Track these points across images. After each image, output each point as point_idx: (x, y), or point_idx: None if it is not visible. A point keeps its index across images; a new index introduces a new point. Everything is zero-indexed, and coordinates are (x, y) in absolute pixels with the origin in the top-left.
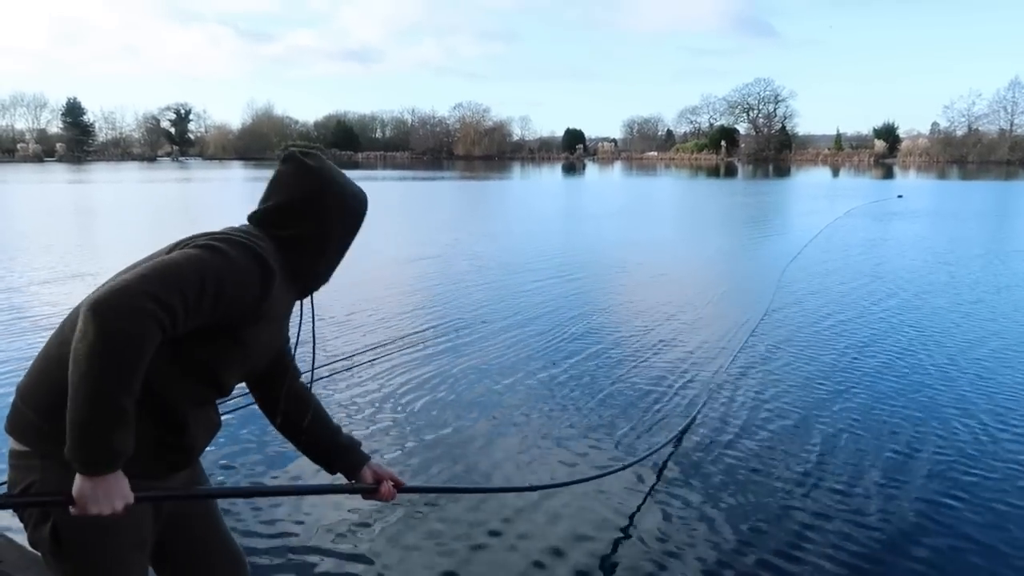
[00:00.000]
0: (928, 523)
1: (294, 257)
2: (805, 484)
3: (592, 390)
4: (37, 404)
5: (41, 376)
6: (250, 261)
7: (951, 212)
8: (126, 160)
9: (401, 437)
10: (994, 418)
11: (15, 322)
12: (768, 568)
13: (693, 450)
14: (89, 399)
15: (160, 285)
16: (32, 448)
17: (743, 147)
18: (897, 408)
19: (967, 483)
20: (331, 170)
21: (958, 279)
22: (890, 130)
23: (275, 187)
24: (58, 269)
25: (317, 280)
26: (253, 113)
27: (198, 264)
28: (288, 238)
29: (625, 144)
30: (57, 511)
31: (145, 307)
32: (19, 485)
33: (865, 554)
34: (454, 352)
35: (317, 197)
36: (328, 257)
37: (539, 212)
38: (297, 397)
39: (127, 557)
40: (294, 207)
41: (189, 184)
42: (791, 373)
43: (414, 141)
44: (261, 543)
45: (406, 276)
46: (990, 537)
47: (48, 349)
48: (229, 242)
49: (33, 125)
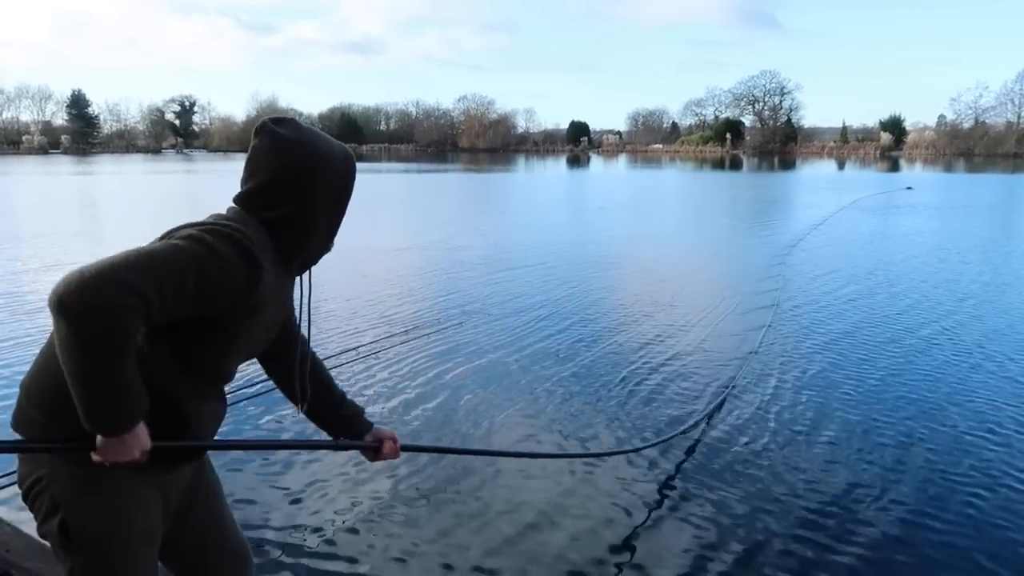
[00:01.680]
0: (945, 536)
1: (286, 236)
2: (819, 491)
3: (602, 382)
4: (40, 401)
5: (42, 374)
6: (236, 255)
7: (962, 204)
8: (131, 152)
9: (404, 421)
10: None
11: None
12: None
13: (703, 444)
14: (88, 388)
15: (133, 273)
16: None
17: (748, 140)
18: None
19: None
20: (308, 136)
21: (970, 273)
22: (896, 123)
23: (253, 164)
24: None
25: (315, 253)
26: (257, 105)
27: (180, 255)
28: (276, 219)
29: (630, 137)
30: (66, 506)
31: (113, 301)
32: (28, 479)
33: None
34: (457, 342)
35: (297, 169)
36: (321, 230)
37: (543, 204)
38: (311, 371)
39: (136, 551)
40: (275, 184)
41: (194, 176)
42: (812, 368)
43: (418, 133)
44: (269, 535)
45: (411, 265)
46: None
47: (48, 346)
48: (215, 233)
49: (38, 117)
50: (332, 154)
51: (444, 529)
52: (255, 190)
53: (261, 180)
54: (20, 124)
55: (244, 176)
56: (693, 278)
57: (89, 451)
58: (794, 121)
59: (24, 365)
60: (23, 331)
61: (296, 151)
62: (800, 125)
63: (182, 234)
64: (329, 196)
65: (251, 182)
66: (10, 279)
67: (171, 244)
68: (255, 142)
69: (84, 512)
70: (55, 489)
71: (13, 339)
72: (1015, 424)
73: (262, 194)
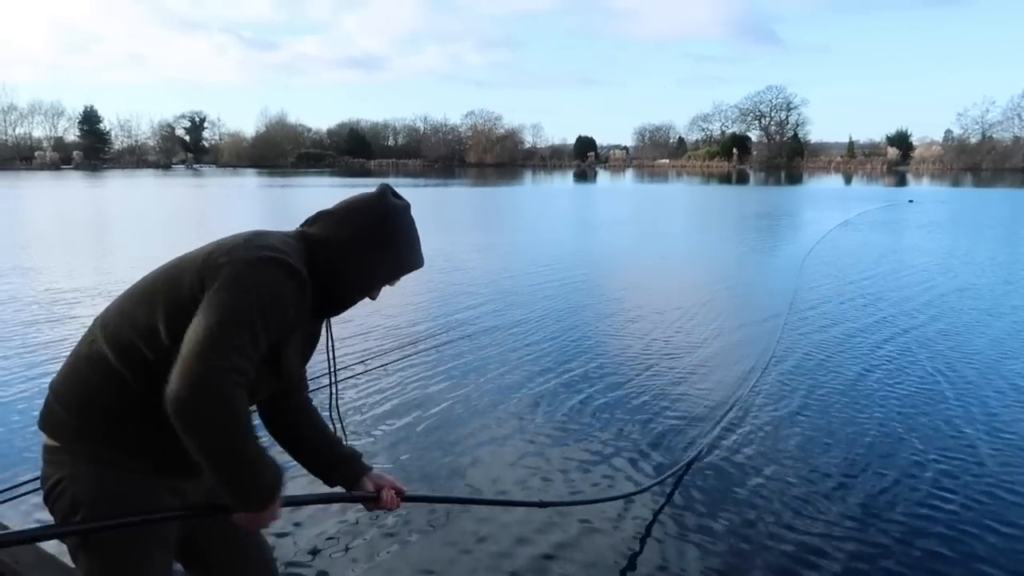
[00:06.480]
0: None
1: (324, 284)
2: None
3: (605, 407)
4: (68, 401)
5: (72, 374)
6: (280, 276)
7: (967, 219)
8: (141, 167)
9: (399, 447)
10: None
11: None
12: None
13: (707, 476)
14: (227, 474)
15: (223, 353)
16: (63, 444)
17: (755, 154)
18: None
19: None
20: (411, 231)
21: (978, 284)
22: (903, 137)
23: (347, 212)
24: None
25: (342, 310)
26: (267, 121)
27: (239, 314)
28: (324, 270)
29: (637, 152)
30: (85, 507)
31: (223, 384)
32: (50, 479)
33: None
34: (460, 359)
35: (378, 254)
36: (356, 298)
37: (552, 219)
38: (300, 409)
39: (152, 555)
40: (350, 247)
41: (203, 190)
42: (824, 380)
43: (426, 149)
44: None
45: (420, 281)
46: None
47: (79, 348)
48: (255, 264)
49: (51, 133)
50: (414, 258)
51: (435, 555)
52: (328, 239)
53: (340, 233)
54: (32, 140)
55: (327, 215)
56: (694, 298)
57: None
58: (800, 136)
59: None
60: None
61: (392, 238)
62: (807, 140)
63: (226, 278)
64: (382, 282)
65: (331, 229)
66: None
67: (227, 306)
68: (366, 197)
69: (102, 514)
70: (75, 490)
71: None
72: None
73: (330, 244)
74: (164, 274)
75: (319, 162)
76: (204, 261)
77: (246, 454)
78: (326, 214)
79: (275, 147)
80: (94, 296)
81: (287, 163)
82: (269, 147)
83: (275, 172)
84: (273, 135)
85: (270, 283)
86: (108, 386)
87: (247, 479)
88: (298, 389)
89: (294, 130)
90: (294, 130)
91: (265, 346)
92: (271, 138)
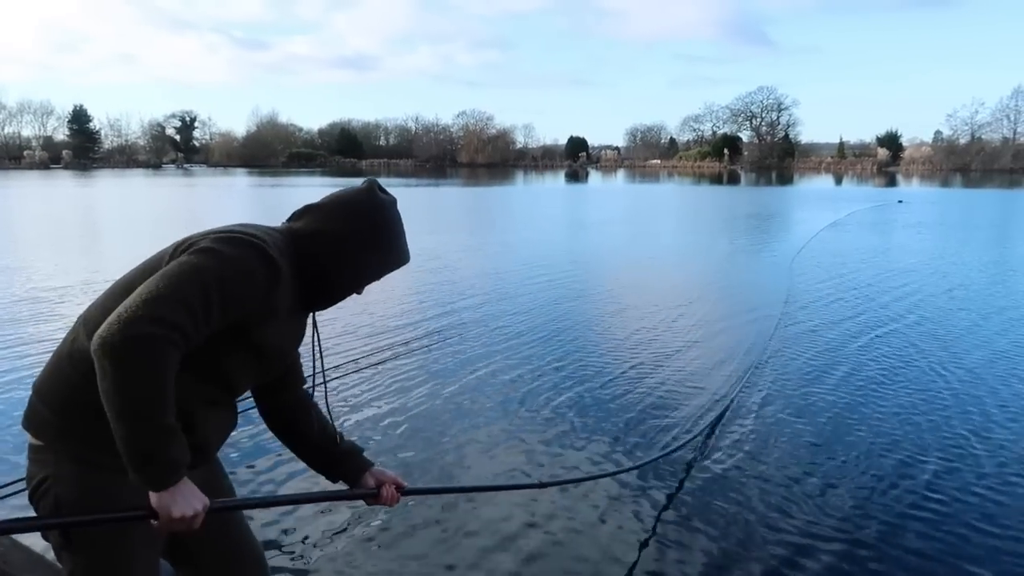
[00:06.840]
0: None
1: (311, 278)
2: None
3: (598, 396)
4: (51, 400)
5: (54, 373)
6: (251, 257)
7: (956, 220)
8: (131, 167)
9: (392, 443)
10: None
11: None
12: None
13: (700, 458)
14: (132, 430)
15: (164, 306)
16: (46, 443)
17: (746, 155)
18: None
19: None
20: (398, 227)
21: (969, 288)
22: (893, 138)
23: (332, 207)
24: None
25: (330, 304)
26: (258, 120)
27: (196, 273)
28: (312, 263)
29: (628, 152)
30: (68, 507)
31: (155, 333)
32: (35, 479)
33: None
34: (453, 356)
35: (364, 249)
36: (346, 292)
37: (542, 218)
38: (299, 405)
39: (137, 553)
40: (336, 241)
41: (194, 190)
42: (816, 373)
43: (417, 149)
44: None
45: (409, 280)
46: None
47: (61, 347)
48: (227, 240)
49: (40, 132)
50: (401, 254)
51: (436, 541)
52: (315, 233)
53: (327, 228)
54: (22, 139)
55: (315, 209)
56: (687, 295)
57: (151, 520)
58: (791, 137)
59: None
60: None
61: (380, 234)
62: (798, 141)
63: (198, 247)
64: (370, 278)
65: (319, 224)
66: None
67: (188, 263)
68: (354, 192)
69: (85, 513)
70: (58, 490)
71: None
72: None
73: (317, 239)
74: (144, 269)
75: (310, 162)
76: (181, 242)
77: (158, 414)
78: (314, 208)
79: (266, 147)
80: (79, 295)
81: (278, 163)
82: (260, 147)
83: (266, 172)
84: (264, 135)
85: (239, 259)
86: (90, 384)
87: (152, 441)
88: (295, 384)
89: (285, 130)
90: (285, 130)
91: (218, 316)
92: (262, 138)
